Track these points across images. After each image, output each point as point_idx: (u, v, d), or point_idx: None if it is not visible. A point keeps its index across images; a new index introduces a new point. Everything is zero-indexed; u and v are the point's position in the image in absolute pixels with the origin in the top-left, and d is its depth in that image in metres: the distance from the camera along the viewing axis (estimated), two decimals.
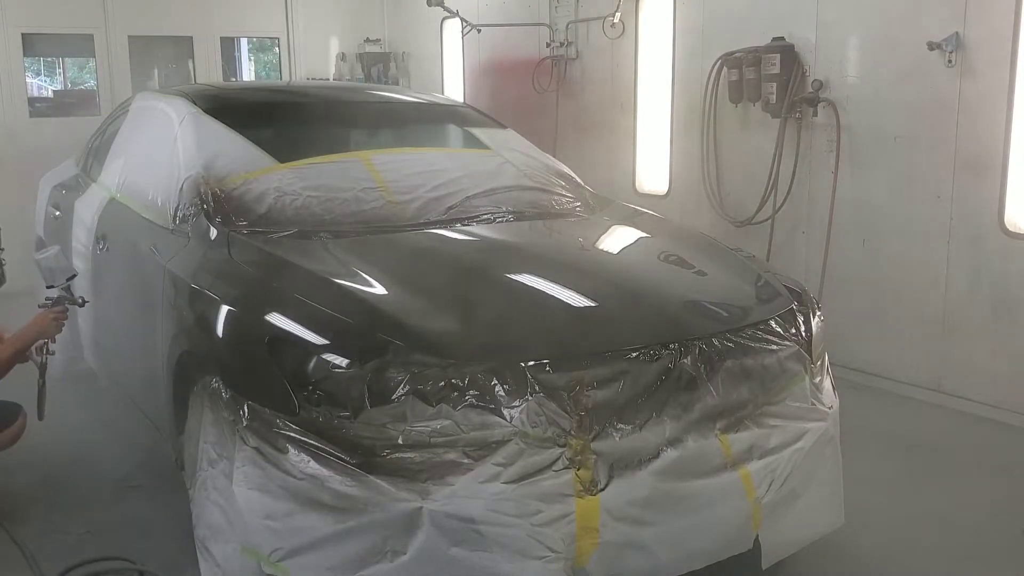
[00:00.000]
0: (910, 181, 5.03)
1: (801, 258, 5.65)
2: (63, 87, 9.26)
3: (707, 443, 2.71)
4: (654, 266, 3.44)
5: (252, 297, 2.97)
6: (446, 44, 8.86)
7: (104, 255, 4.09)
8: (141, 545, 3.39)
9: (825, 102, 5.35)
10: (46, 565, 3.28)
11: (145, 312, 3.50)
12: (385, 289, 2.88)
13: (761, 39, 5.61)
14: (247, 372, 2.72)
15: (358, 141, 4.34)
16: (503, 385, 2.49)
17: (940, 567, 3.35)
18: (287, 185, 3.56)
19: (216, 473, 2.69)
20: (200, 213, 3.43)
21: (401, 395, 2.44)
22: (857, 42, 5.23)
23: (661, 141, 6.69)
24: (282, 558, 2.47)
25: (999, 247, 4.68)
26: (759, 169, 5.77)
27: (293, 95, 5.01)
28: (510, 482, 2.43)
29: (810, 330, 3.13)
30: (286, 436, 2.48)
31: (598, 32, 7.05)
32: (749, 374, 2.87)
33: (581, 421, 2.54)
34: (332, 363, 2.51)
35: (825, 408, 3.08)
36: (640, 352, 2.67)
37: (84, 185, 4.81)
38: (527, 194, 3.94)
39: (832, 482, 3.11)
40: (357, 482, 2.41)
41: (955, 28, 4.67)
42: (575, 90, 7.41)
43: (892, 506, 3.76)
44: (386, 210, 3.59)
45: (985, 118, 4.65)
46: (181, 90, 4.55)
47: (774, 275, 3.43)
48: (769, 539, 2.82)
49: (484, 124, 4.62)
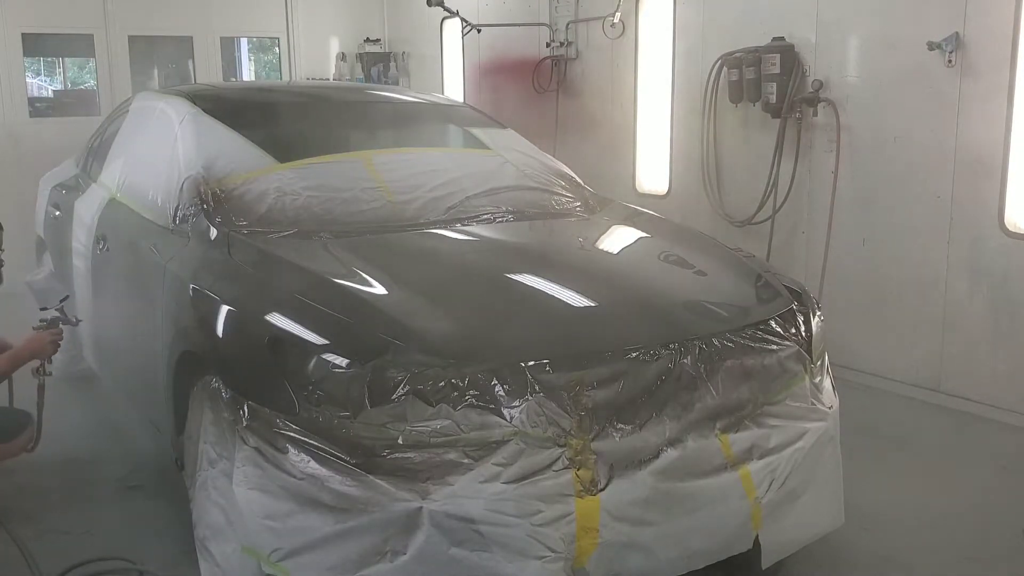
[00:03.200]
0: (910, 181, 5.02)
1: (801, 258, 5.65)
2: (63, 87, 9.26)
3: (707, 443, 2.72)
4: (654, 266, 3.44)
5: (252, 297, 2.97)
6: (446, 44, 8.86)
7: (104, 255, 4.08)
8: (141, 545, 3.39)
9: (825, 102, 5.34)
10: (46, 565, 3.27)
11: (145, 312, 3.50)
12: (385, 289, 2.88)
13: (761, 39, 5.60)
14: (247, 372, 2.72)
15: (358, 141, 4.33)
16: (503, 385, 2.49)
17: (940, 567, 3.35)
18: (287, 185, 3.56)
19: (216, 473, 2.69)
20: (200, 213, 3.43)
21: (401, 395, 2.44)
22: (857, 42, 5.23)
23: (661, 141, 6.68)
24: (282, 558, 2.47)
25: (999, 247, 4.67)
26: (759, 169, 5.76)
27: (293, 95, 5.01)
28: (510, 482, 2.43)
29: (810, 330, 3.13)
30: (286, 436, 2.49)
31: (598, 32, 7.04)
32: (749, 374, 2.87)
33: (581, 421, 2.54)
34: (332, 363, 2.51)
35: (825, 408, 3.08)
36: (640, 352, 2.67)
37: (84, 185, 4.81)
38: (527, 194, 3.94)
39: (832, 482, 3.11)
40: (357, 482, 2.41)
41: (955, 28, 4.66)
42: (575, 90, 7.41)
43: (892, 506, 3.75)
44: (386, 210, 3.59)
45: (985, 118, 4.64)
46: (181, 90, 4.55)
47: (774, 275, 3.43)
48: (769, 539, 2.82)
49: (484, 124, 4.62)
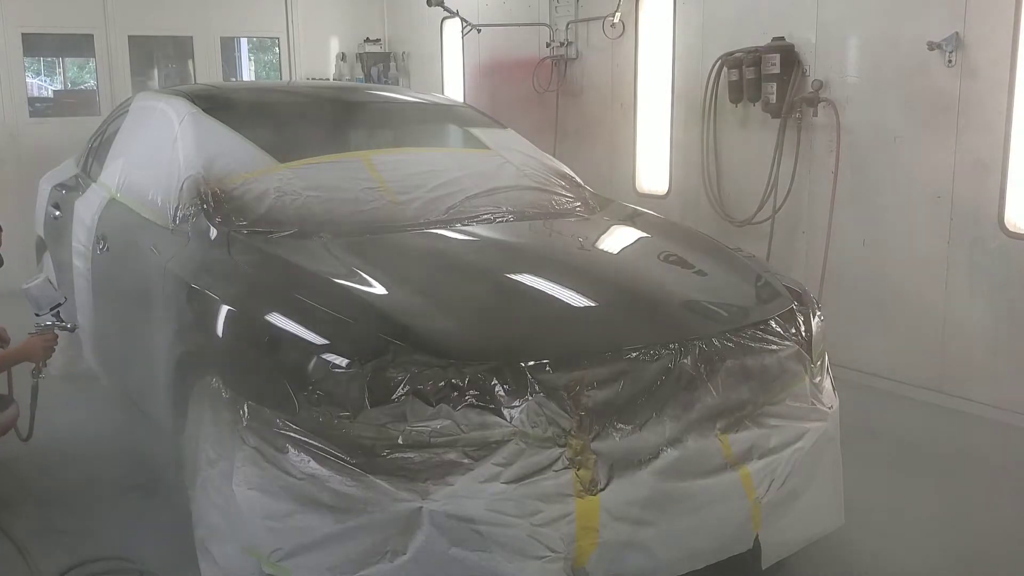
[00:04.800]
0: (910, 181, 5.02)
1: (801, 258, 5.65)
2: (63, 87, 9.25)
3: (707, 443, 2.71)
4: (654, 266, 3.44)
5: (252, 297, 2.97)
6: (446, 44, 8.86)
7: (104, 255, 4.08)
8: (141, 545, 3.39)
9: (825, 102, 5.34)
10: (45, 565, 3.27)
11: (145, 312, 3.50)
12: (385, 289, 2.88)
13: (761, 39, 5.60)
14: (247, 372, 2.72)
15: (358, 141, 4.34)
16: (503, 385, 2.49)
17: (940, 567, 3.35)
18: (287, 185, 3.56)
19: (216, 473, 2.69)
20: (200, 213, 3.43)
21: (401, 395, 2.44)
22: (857, 42, 5.23)
23: (661, 141, 6.68)
24: (282, 558, 2.47)
25: (999, 247, 4.67)
26: (759, 169, 5.76)
27: (293, 95, 5.01)
28: (510, 482, 2.43)
29: (810, 330, 3.13)
30: (286, 436, 2.48)
31: (598, 32, 7.04)
32: (749, 374, 2.87)
33: (581, 421, 2.54)
34: (332, 363, 2.51)
35: (825, 408, 3.08)
36: (640, 352, 2.67)
37: (84, 185, 4.81)
38: (527, 194, 3.94)
39: (832, 482, 3.11)
40: (357, 482, 2.41)
41: (955, 28, 4.66)
42: (575, 90, 7.41)
43: (892, 506, 3.75)
44: (386, 210, 3.59)
45: (985, 118, 4.64)
46: (181, 90, 4.55)
47: (774, 275, 3.43)
48: (769, 539, 2.82)
49: (484, 124, 4.62)
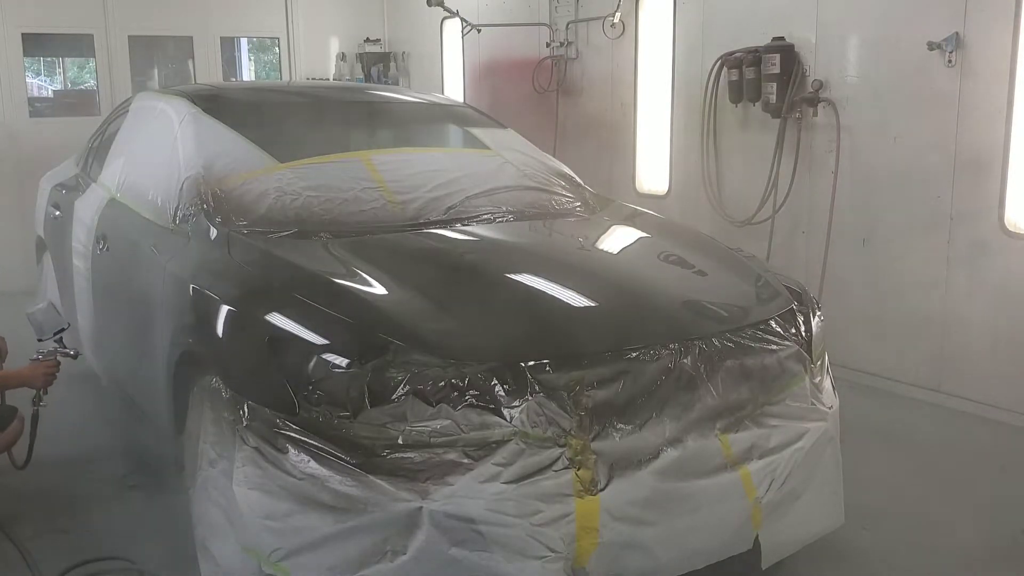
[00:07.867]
0: (910, 181, 5.03)
1: (801, 258, 5.65)
2: (63, 87, 9.26)
3: (707, 443, 2.71)
4: (654, 266, 3.43)
5: (252, 297, 2.96)
6: (446, 44, 8.86)
7: (104, 255, 4.08)
8: (141, 545, 3.39)
9: (825, 102, 5.35)
10: (45, 565, 3.27)
11: (145, 312, 3.50)
12: (385, 289, 2.88)
13: (761, 39, 5.60)
14: (247, 372, 2.72)
15: (358, 141, 4.33)
16: (503, 385, 2.49)
17: (940, 567, 3.35)
18: (287, 185, 3.56)
19: (216, 473, 2.69)
20: (200, 213, 3.43)
21: (401, 395, 2.44)
22: (857, 42, 5.23)
23: (661, 141, 6.68)
24: (282, 558, 2.47)
25: (999, 247, 4.67)
26: (759, 169, 5.76)
27: (293, 95, 5.01)
28: (510, 482, 2.43)
29: (810, 330, 3.13)
30: (286, 436, 2.48)
31: (598, 32, 7.05)
32: (749, 374, 2.87)
33: (581, 421, 2.53)
34: (332, 363, 2.51)
35: (825, 408, 3.08)
36: (640, 352, 2.67)
37: (84, 185, 4.81)
38: (527, 194, 3.93)
39: (832, 482, 3.11)
40: (357, 482, 2.41)
41: (955, 28, 4.67)
42: (575, 90, 7.41)
43: (892, 506, 3.76)
44: (386, 210, 3.58)
45: (985, 118, 4.64)
46: (181, 90, 4.55)
47: (774, 275, 3.42)
48: (769, 539, 2.82)
49: (484, 124, 4.62)
